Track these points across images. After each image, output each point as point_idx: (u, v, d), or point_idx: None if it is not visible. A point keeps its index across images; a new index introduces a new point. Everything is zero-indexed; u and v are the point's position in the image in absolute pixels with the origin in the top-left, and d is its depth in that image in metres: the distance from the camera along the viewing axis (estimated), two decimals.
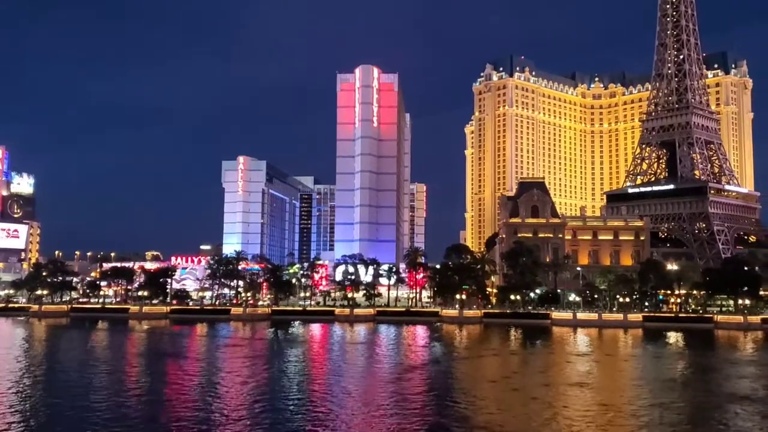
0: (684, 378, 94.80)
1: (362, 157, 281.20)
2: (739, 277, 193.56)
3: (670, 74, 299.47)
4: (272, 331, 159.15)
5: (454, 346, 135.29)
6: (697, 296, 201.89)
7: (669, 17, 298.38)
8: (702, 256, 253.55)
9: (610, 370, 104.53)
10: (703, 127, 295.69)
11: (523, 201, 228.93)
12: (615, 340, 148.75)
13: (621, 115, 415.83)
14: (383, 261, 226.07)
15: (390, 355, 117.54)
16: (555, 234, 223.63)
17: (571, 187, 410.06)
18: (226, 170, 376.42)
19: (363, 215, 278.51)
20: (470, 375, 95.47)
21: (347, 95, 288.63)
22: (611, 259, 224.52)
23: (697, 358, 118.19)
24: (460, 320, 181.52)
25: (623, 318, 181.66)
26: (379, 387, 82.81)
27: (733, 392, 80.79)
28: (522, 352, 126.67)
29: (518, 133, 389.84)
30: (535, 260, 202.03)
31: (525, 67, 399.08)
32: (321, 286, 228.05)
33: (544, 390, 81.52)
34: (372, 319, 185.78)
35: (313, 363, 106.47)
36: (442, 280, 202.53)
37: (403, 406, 69.50)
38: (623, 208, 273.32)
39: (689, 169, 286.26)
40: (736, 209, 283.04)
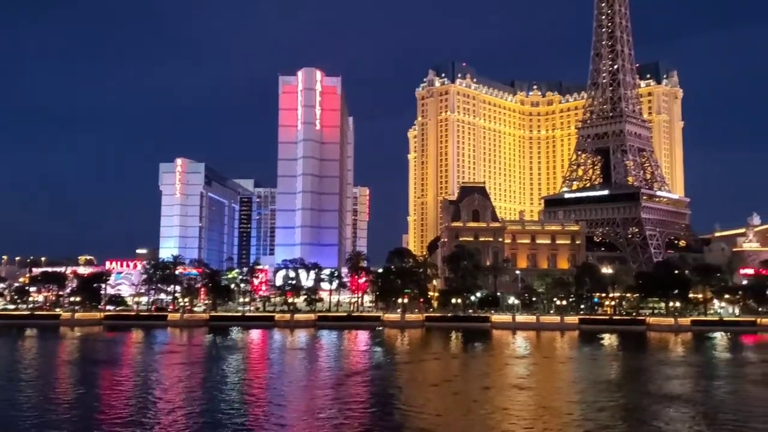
0: (618, 379, 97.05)
1: (304, 160, 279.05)
2: (670, 280, 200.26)
3: (605, 83, 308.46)
4: (210, 337, 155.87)
5: (395, 350, 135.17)
6: (630, 299, 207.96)
7: (604, 28, 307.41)
8: (635, 259, 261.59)
9: (548, 372, 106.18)
10: (636, 135, 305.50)
11: (465, 205, 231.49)
12: (552, 343, 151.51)
13: (558, 122, 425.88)
14: (325, 265, 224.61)
15: (331, 360, 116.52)
16: (495, 238, 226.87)
17: (511, 192, 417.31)
18: (163, 172, 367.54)
19: (305, 219, 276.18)
20: (411, 379, 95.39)
21: (289, 98, 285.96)
22: (549, 263, 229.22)
23: (630, 360, 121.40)
24: (402, 324, 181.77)
25: (560, 320, 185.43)
26: (319, 393, 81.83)
27: (665, 392, 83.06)
28: (463, 356, 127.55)
29: (460, 138, 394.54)
30: (476, 264, 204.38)
31: (466, 74, 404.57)
32: (261, 291, 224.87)
33: (484, 393, 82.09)
34: (313, 325, 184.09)
35: (251, 369, 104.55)
36: (384, 284, 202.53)
37: (343, 411, 68.78)
38: (560, 213, 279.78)
39: (623, 176, 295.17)
40: (667, 215, 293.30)
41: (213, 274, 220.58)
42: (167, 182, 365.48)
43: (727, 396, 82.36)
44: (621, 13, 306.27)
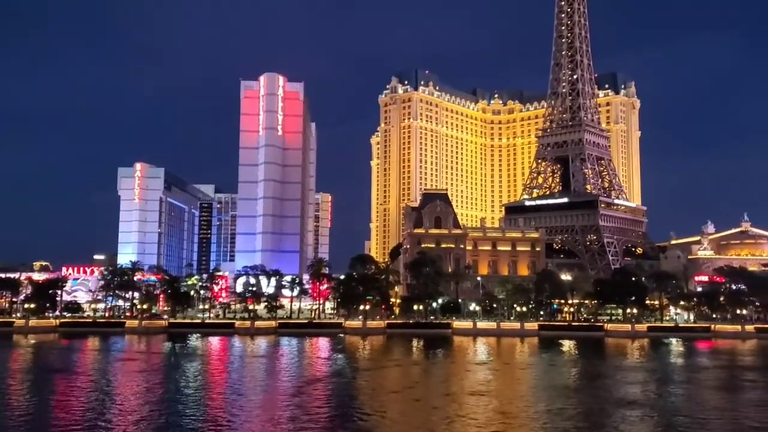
0: (577, 385, 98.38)
1: (266, 166, 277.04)
2: (628, 287, 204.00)
3: (565, 93, 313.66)
4: (169, 344, 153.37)
5: (357, 357, 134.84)
6: (589, 305, 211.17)
7: (564, 38, 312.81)
8: (593, 266, 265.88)
9: (507, 378, 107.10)
10: (595, 144, 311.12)
11: (427, 212, 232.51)
12: (512, 349, 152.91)
13: (519, 130, 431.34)
14: (286, 272, 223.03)
15: (291, 367, 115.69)
16: (457, 245, 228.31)
17: (473, 199, 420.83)
18: (122, 177, 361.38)
19: (266, 225, 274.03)
20: (372, 386, 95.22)
21: (251, 103, 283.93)
22: (509, 269, 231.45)
23: (588, 366, 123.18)
24: (364, 331, 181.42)
25: (520, 327, 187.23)
26: (279, 400, 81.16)
27: (622, 398, 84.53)
28: (424, 362, 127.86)
29: (422, 145, 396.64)
30: (438, 270, 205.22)
31: (429, 82, 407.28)
32: (221, 298, 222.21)
33: (444, 399, 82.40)
34: (274, 332, 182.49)
35: (211, 377, 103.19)
36: (346, 291, 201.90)
37: (304, 419, 68.30)
38: (520, 220, 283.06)
39: (581, 184, 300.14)
40: (625, 222, 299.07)
41: (172, 280, 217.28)
42: (126, 187, 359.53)
43: (682, 400, 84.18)
44: (580, 24, 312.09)
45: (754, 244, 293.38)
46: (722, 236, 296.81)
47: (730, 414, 74.91)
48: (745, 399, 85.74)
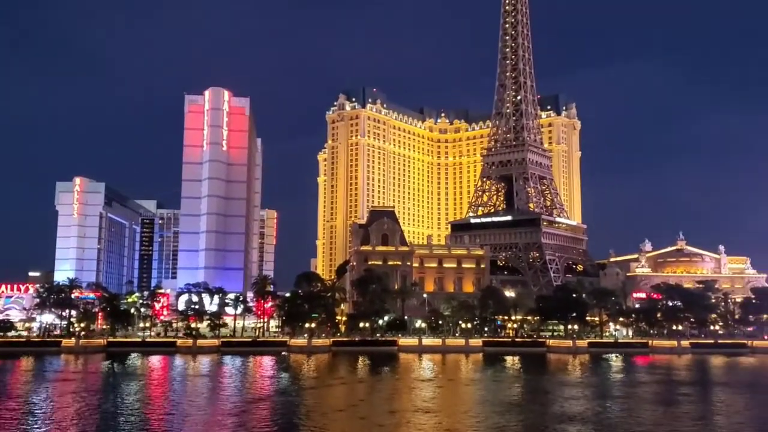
0: (520, 400, 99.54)
1: (210, 182, 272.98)
2: (569, 303, 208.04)
3: (509, 113, 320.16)
4: (107, 363, 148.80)
5: (301, 376, 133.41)
6: (531, 322, 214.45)
7: (509, 60, 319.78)
8: (536, 283, 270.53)
9: (452, 394, 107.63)
10: (537, 164, 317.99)
11: (374, 229, 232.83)
12: (457, 365, 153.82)
13: (465, 149, 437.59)
14: (230, 290, 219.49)
15: (234, 386, 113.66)
16: (404, 262, 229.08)
17: (419, 216, 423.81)
18: (60, 192, 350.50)
19: (209, 242, 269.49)
20: (317, 405, 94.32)
21: (195, 117, 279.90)
22: (455, 286, 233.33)
23: (531, 381, 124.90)
24: (309, 349, 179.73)
25: (465, 343, 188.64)
26: (222, 420, 79.55)
27: (564, 413, 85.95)
28: (369, 380, 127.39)
29: (370, 162, 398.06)
30: (385, 288, 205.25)
31: (377, 99, 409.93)
32: (162, 316, 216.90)
33: (389, 417, 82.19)
34: (216, 350, 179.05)
35: (151, 396, 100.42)
36: (291, 308, 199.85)
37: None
38: (466, 238, 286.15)
39: (525, 202, 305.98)
40: (566, 240, 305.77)
41: (112, 298, 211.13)
42: (64, 202, 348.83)
43: (621, 415, 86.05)
44: (524, 46, 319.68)
45: (689, 261, 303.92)
46: (659, 254, 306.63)
47: (667, 428, 76.95)
48: (680, 413, 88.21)
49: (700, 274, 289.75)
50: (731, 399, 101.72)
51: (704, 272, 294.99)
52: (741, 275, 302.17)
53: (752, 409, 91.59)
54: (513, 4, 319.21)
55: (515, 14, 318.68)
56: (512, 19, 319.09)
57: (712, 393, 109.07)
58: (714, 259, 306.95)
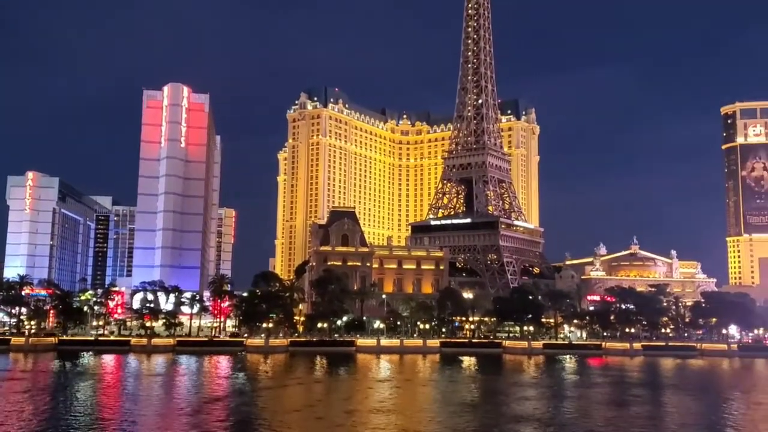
0: (476, 401, 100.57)
1: (167, 178, 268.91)
2: (525, 305, 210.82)
3: (470, 117, 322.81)
4: (59, 362, 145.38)
5: (258, 376, 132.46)
6: (488, 323, 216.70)
7: (470, 64, 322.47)
8: (493, 285, 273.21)
9: (409, 394, 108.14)
10: (497, 167, 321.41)
11: (334, 229, 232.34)
12: (415, 366, 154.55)
13: (426, 151, 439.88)
14: (186, 288, 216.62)
15: (189, 386, 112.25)
16: (363, 262, 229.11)
17: (380, 218, 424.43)
18: (11, 186, 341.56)
19: (166, 240, 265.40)
20: (274, 405, 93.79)
21: (154, 113, 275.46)
22: (414, 287, 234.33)
23: (487, 382, 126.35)
24: (266, 349, 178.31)
25: (423, 344, 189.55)
26: (176, 421, 78.50)
27: (519, 413, 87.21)
28: (326, 380, 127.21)
29: (331, 162, 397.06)
30: (344, 288, 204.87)
31: (339, 99, 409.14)
32: (116, 314, 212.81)
33: (347, 417, 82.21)
34: (172, 350, 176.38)
35: (103, 396, 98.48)
36: (248, 308, 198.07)
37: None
38: (426, 239, 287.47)
39: (484, 205, 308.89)
40: (523, 243, 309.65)
41: (64, 295, 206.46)
42: (16, 196, 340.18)
43: (574, 416, 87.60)
44: (486, 50, 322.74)
45: (642, 266, 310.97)
46: (613, 258, 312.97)
47: (618, 428, 78.61)
48: (631, 414, 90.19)
49: (652, 278, 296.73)
50: (680, 401, 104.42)
51: (656, 276, 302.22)
52: (692, 280, 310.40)
53: (700, 411, 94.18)
54: (476, 8, 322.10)
55: (477, 18, 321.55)
56: (474, 23, 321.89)
57: (662, 395, 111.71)
58: (666, 264, 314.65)
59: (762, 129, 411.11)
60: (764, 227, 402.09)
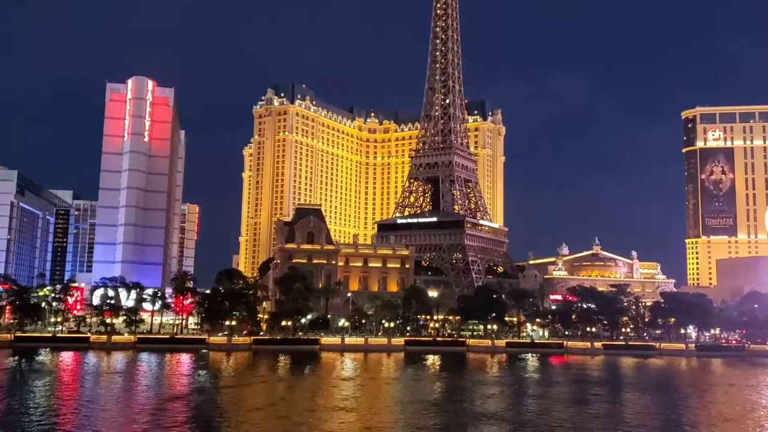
0: (439, 399, 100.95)
1: (130, 173, 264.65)
2: (488, 304, 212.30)
3: (437, 116, 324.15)
4: (14, 359, 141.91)
5: (220, 374, 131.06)
6: (453, 321, 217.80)
7: (438, 64, 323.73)
8: (458, 284, 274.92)
9: (373, 393, 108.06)
10: (463, 167, 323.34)
11: (300, 227, 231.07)
12: (379, 364, 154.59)
13: (393, 150, 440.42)
14: (148, 285, 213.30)
15: (150, 384, 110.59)
16: (329, 260, 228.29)
17: (346, 215, 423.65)
18: None
19: (127, 235, 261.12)
20: (236, 403, 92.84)
21: (117, 106, 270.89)
22: (379, 286, 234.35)
23: (451, 380, 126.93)
24: (229, 347, 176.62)
25: (387, 342, 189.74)
26: (136, 419, 77.18)
27: (482, 411, 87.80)
28: (290, 379, 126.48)
29: (297, 159, 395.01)
30: (308, 286, 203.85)
31: (306, 96, 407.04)
32: (75, 310, 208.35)
33: (309, 415, 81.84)
34: (132, 347, 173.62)
35: (61, 394, 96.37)
36: (211, 306, 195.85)
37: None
38: (392, 237, 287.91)
39: (450, 204, 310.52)
40: (488, 242, 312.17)
41: (21, 290, 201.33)
42: None
43: (535, 414, 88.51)
44: (453, 51, 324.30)
45: (603, 266, 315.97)
46: (575, 258, 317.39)
47: (578, 426, 79.63)
48: (591, 412, 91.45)
49: (613, 278, 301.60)
50: (639, 399, 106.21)
51: (617, 276, 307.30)
52: (652, 280, 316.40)
53: (658, 410, 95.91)
54: (444, 8, 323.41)
55: (446, 19, 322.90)
56: (443, 23, 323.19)
57: (622, 393, 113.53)
58: (627, 264, 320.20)
59: (721, 133, 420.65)
60: (722, 230, 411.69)
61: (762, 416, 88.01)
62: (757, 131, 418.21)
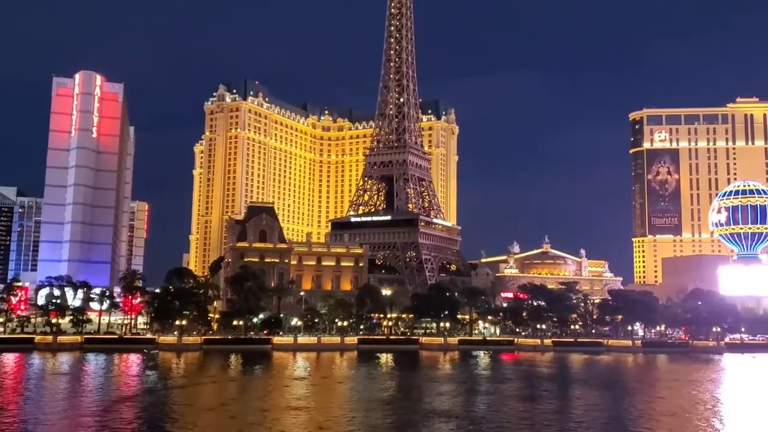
0: (392, 397, 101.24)
1: (77, 170, 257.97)
2: (442, 302, 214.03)
3: (392, 115, 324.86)
4: None
5: (170, 374, 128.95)
6: (406, 319, 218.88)
7: (393, 62, 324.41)
8: (412, 282, 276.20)
9: (325, 392, 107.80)
10: (417, 166, 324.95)
11: (252, 225, 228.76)
12: (332, 363, 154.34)
13: (347, 148, 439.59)
14: (96, 284, 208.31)
15: (98, 385, 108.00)
16: (281, 259, 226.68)
17: (299, 214, 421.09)
18: None
19: (74, 233, 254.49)
20: (186, 404, 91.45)
21: (64, 101, 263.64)
22: (333, 284, 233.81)
23: (404, 378, 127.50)
24: (179, 347, 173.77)
25: (340, 341, 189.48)
26: (83, 421, 75.27)
27: (433, 409, 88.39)
28: (241, 379, 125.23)
29: (249, 156, 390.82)
30: (261, 285, 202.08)
31: (259, 92, 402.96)
32: (19, 310, 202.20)
33: (261, 415, 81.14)
34: (79, 348, 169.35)
35: (3, 397, 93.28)
36: (161, 305, 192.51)
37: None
38: (346, 236, 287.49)
39: (404, 203, 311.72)
40: (441, 241, 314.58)
41: None
42: None
43: (486, 410, 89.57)
44: (408, 50, 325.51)
45: (553, 264, 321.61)
46: (526, 256, 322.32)
47: (528, 422, 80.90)
48: (541, 408, 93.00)
49: (562, 276, 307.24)
50: (587, 395, 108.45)
51: (567, 274, 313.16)
52: (599, 278, 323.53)
53: (605, 405, 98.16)
54: (398, 7, 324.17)
55: (400, 18, 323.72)
56: (397, 22, 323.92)
57: (571, 389, 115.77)
58: (576, 262, 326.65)
59: (667, 135, 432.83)
60: (667, 229, 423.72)
61: (703, 411, 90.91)
62: (701, 133, 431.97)
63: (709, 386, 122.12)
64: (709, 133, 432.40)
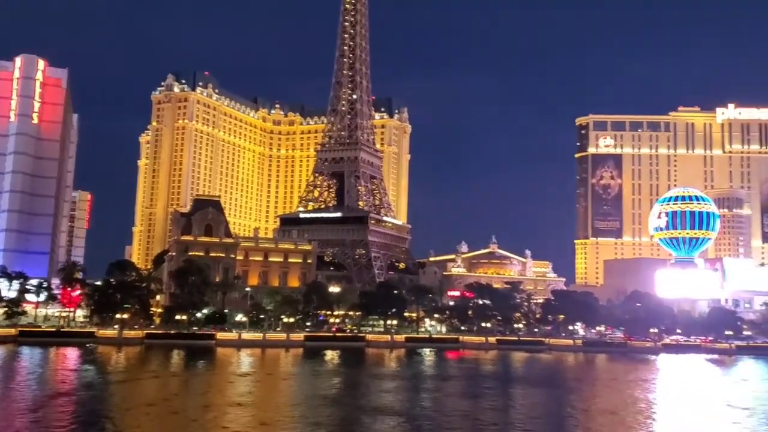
0: (337, 394, 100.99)
1: (16, 156, 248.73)
2: (389, 300, 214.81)
3: (344, 111, 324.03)
4: None
5: (110, 369, 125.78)
6: (353, 317, 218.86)
7: (346, 58, 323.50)
8: (360, 279, 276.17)
9: (269, 389, 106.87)
10: (369, 163, 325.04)
11: (197, 219, 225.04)
12: (277, 360, 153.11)
13: (298, 143, 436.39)
14: (33, 275, 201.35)
15: (32, 380, 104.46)
16: (227, 254, 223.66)
17: (247, 208, 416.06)
18: None
19: (11, 222, 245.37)
20: (126, 399, 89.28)
21: (3, 85, 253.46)
22: (280, 281, 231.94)
23: (349, 375, 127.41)
24: (119, 341, 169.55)
25: (286, 337, 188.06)
26: (15, 417, 72.59)
27: (378, 406, 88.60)
28: (183, 374, 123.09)
29: (197, 148, 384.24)
30: (205, 280, 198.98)
31: (208, 84, 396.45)
32: None
33: (203, 411, 79.88)
34: (13, 340, 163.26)
35: None
36: (101, 298, 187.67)
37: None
38: (294, 232, 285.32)
39: (354, 200, 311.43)
40: (391, 239, 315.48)
41: None
42: None
43: (430, 407, 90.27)
44: (362, 46, 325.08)
45: (499, 263, 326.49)
46: (473, 256, 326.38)
47: (471, 418, 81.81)
48: (484, 405, 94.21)
49: (508, 275, 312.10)
50: (527, 392, 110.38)
51: (512, 274, 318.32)
52: (543, 278, 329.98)
53: (545, 403, 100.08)
54: (353, 3, 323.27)
55: (354, 14, 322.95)
56: (351, 18, 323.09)
57: (512, 387, 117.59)
58: (521, 263, 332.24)
59: (611, 140, 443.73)
60: (609, 232, 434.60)
61: (640, 409, 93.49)
62: (644, 140, 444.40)
63: (644, 385, 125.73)
64: (651, 140, 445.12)
